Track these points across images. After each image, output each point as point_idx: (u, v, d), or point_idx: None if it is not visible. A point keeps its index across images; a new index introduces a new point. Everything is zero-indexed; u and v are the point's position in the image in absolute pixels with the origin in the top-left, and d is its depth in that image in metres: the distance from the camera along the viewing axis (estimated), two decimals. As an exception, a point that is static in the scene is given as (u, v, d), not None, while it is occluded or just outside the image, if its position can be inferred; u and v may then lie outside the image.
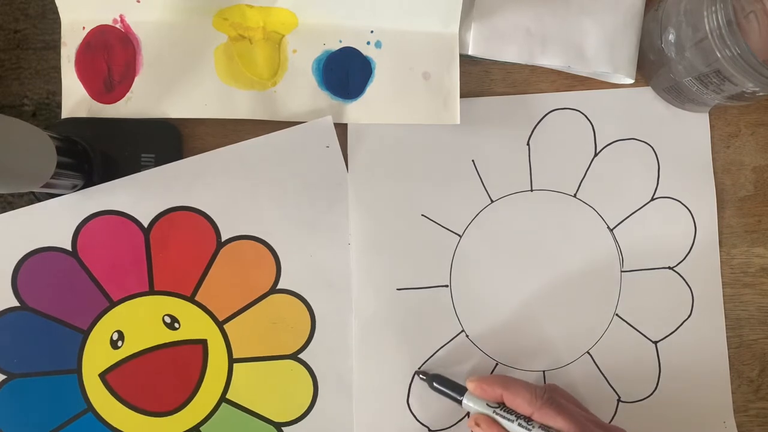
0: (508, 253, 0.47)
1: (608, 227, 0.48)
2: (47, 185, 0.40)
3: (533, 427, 0.39)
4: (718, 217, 0.48)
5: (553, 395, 0.40)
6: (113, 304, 0.45)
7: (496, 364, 0.46)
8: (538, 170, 0.47)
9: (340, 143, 0.46)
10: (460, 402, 0.42)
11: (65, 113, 0.45)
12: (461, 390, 0.43)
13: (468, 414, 0.46)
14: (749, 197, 0.49)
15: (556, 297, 0.47)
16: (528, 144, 0.47)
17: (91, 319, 0.45)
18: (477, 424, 0.40)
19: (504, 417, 0.40)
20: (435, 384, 0.44)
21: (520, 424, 0.39)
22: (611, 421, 0.47)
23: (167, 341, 0.45)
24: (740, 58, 0.38)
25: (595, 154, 0.48)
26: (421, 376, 0.45)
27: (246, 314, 0.45)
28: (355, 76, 0.46)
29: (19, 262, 0.44)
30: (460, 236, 0.47)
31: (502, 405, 0.41)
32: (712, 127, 0.49)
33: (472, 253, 0.46)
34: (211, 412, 0.45)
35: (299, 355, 0.45)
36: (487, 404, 0.41)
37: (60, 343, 0.44)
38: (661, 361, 0.47)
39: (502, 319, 0.47)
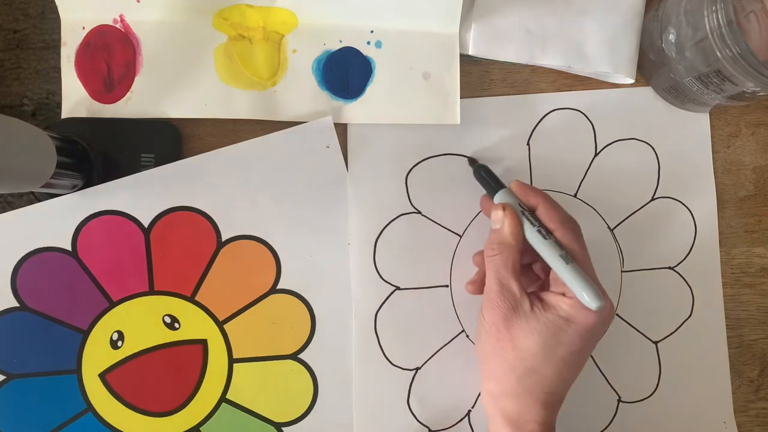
0: (508, 253, 0.47)
1: (608, 227, 0.48)
2: (47, 185, 0.40)
3: (549, 238, 0.39)
4: (718, 217, 0.48)
5: (579, 228, 0.40)
6: (113, 304, 0.45)
7: (496, 364, 0.46)
8: (538, 170, 0.47)
9: (340, 143, 0.46)
10: (494, 194, 0.42)
11: (65, 113, 0.45)
12: (499, 187, 0.42)
13: (466, 415, 0.46)
14: (749, 197, 0.49)
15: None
16: (528, 144, 0.47)
17: (90, 320, 0.45)
18: (502, 209, 0.40)
19: (528, 219, 0.40)
20: (480, 173, 0.44)
21: (539, 231, 0.39)
22: (611, 421, 0.47)
23: (167, 341, 0.45)
24: (740, 58, 0.38)
25: (595, 154, 0.48)
26: (470, 160, 0.45)
27: (246, 314, 0.45)
28: (355, 76, 0.46)
29: (18, 262, 0.44)
30: (460, 236, 0.47)
31: (530, 212, 0.41)
32: (712, 127, 0.49)
33: (472, 253, 0.46)
34: (211, 412, 0.45)
35: (299, 355, 0.45)
36: (519, 204, 0.41)
37: (60, 343, 0.44)
38: (661, 361, 0.47)
39: (502, 319, 0.46)
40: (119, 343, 0.45)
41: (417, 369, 0.46)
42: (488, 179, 0.43)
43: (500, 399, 0.39)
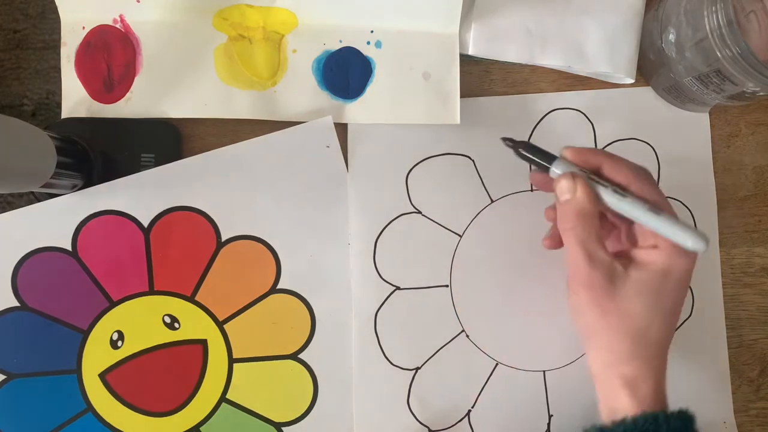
0: (508, 253, 0.47)
1: (608, 227, 0.48)
2: (47, 185, 0.40)
3: (628, 196, 0.36)
4: (718, 217, 0.48)
5: (650, 174, 0.39)
6: (113, 304, 0.45)
7: (496, 364, 0.46)
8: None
9: (340, 143, 0.46)
10: (548, 169, 0.38)
11: (65, 113, 0.45)
12: (551, 159, 0.38)
13: (466, 415, 0.46)
14: (749, 197, 0.49)
15: (556, 297, 0.47)
16: (528, 144, 0.47)
17: (91, 319, 0.45)
18: (570, 178, 0.37)
19: (599, 182, 0.37)
20: (522, 151, 0.39)
21: (615, 191, 0.37)
22: (611, 421, 0.47)
23: (167, 341, 0.45)
24: (740, 58, 0.38)
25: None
26: (507, 141, 0.40)
27: (246, 314, 0.45)
28: (355, 76, 0.46)
29: (19, 262, 0.44)
30: (460, 236, 0.47)
31: (595, 173, 0.38)
32: (712, 126, 0.49)
33: (472, 253, 0.46)
34: (211, 412, 0.45)
35: (299, 355, 0.45)
36: (580, 170, 0.38)
37: (60, 343, 0.44)
38: (661, 361, 0.47)
39: (502, 319, 0.47)
40: (119, 343, 0.45)
41: (417, 369, 0.46)
42: (537, 154, 0.39)
43: (618, 366, 0.37)
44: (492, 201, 0.47)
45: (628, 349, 0.37)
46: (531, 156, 0.39)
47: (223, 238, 0.45)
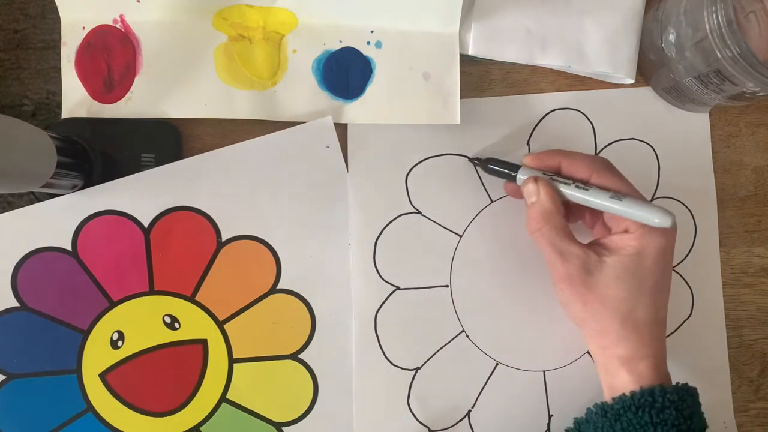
0: (508, 253, 0.47)
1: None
2: (47, 185, 0.40)
3: (590, 188, 0.39)
4: (718, 217, 0.48)
5: (609, 163, 0.40)
6: (113, 304, 0.45)
7: (496, 364, 0.46)
8: (538, 170, 0.47)
9: (340, 143, 0.46)
10: (514, 178, 0.42)
11: (65, 113, 0.45)
12: (515, 168, 0.42)
13: (466, 416, 0.46)
14: (749, 197, 0.49)
15: (556, 297, 0.47)
16: (528, 144, 0.47)
17: (91, 319, 0.45)
18: (533, 181, 0.40)
19: (560, 181, 0.40)
20: (490, 166, 0.44)
21: (577, 186, 0.39)
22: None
23: (167, 341, 0.45)
24: (740, 58, 0.38)
25: (596, 154, 0.48)
26: (474, 161, 0.45)
27: (246, 314, 0.45)
28: (355, 76, 0.46)
29: (19, 262, 0.44)
30: (460, 236, 0.47)
31: (557, 174, 0.41)
32: (712, 127, 0.49)
33: (472, 253, 0.46)
34: (211, 412, 0.45)
35: (299, 355, 0.45)
36: (543, 173, 0.41)
37: (60, 343, 0.44)
38: (661, 361, 0.47)
39: (502, 319, 0.47)
40: (119, 343, 0.45)
41: (417, 369, 0.46)
42: (501, 167, 0.43)
43: (611, 348, 0.39)
44: (492, 201, 0.47)
45: (618, 332, 0.38)
46: (498, 168, 0.43)
47: (223, 238, 0.45)
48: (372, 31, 0.46)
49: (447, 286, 0.46)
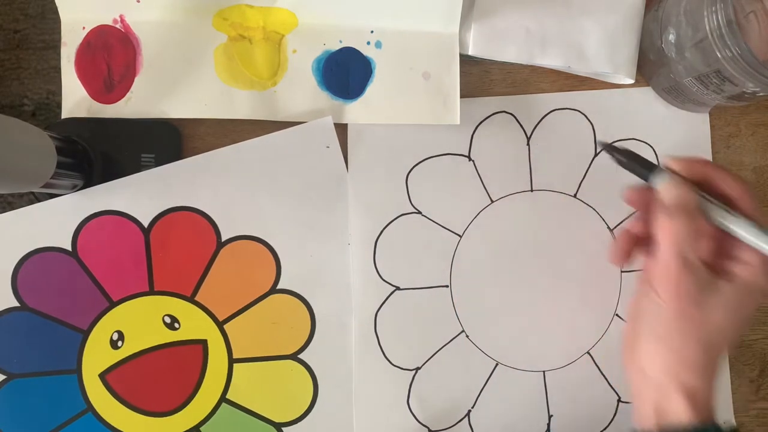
0: (508, 253, 0.47)
1: (608, 227, 0.48)
2: (47, 185, 0.40)
3: (736, 212, 0.36)
4: (719, 217, 0.48)
5: (749, 187, 0.37)
6: (113, 304, 0.45)
7: (496, 365, 0.46)
8: (538, 170, 0.47)
9: (340, 143, 0.46)
10: (647, 178, 0.38)
11: (65, 113, 0.45)
12: (651, 167, 0.38)
13: (466, 416, 0.46)
14: (749, 197, 0.49)
15: (556, 297, 0.47)
16: (528, 144, 0.47)
17: (91, 319, 0.45)
18: (685, 186, 0.36)
19: (704, 197, 0.36)
20: (626, 160, 0.38)
21: (720, 206, 0.36)
22: (611, 421, 0.47)
23: (167, 341, 0.45)
24: (740, 58, 0.38)
25: (595, 154, 0.48)
26: (608, 148, 0.39)
27: (246, 314, 0.45)
28: (355, 76, 0.46)
29: (19, 262, 0.44)
30: (460, 236, 0.47)
31: (702, 189, 0.37)
32: (712, 127, 0.49)
33: (472, 253, 0.46)
34: (211, 412, 0.45)
35: (299, 355, 0.45)
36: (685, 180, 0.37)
37: (60, 343, 0.44)
38: (661, 361, 0.47)
39: (502, 319, 0.47)
40: (119, 343, 0.45)
41: (417, 369, 0.46)
42: (640, 163, 0.38)
43: (682, 373, 0.36)
44: (492, 201, 0.47)
45: (697, 359, 0.36)
46: (634, 164, 0.38)
47: (223, 238, 0.45)
48: (372, 32, 0.46)
49: (447, 286, 0.46)
